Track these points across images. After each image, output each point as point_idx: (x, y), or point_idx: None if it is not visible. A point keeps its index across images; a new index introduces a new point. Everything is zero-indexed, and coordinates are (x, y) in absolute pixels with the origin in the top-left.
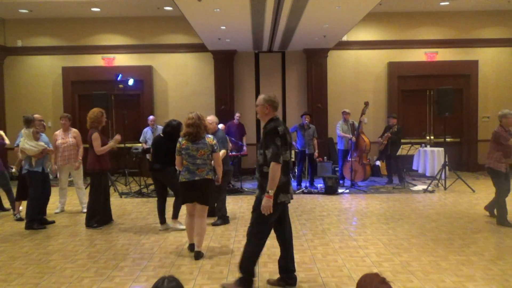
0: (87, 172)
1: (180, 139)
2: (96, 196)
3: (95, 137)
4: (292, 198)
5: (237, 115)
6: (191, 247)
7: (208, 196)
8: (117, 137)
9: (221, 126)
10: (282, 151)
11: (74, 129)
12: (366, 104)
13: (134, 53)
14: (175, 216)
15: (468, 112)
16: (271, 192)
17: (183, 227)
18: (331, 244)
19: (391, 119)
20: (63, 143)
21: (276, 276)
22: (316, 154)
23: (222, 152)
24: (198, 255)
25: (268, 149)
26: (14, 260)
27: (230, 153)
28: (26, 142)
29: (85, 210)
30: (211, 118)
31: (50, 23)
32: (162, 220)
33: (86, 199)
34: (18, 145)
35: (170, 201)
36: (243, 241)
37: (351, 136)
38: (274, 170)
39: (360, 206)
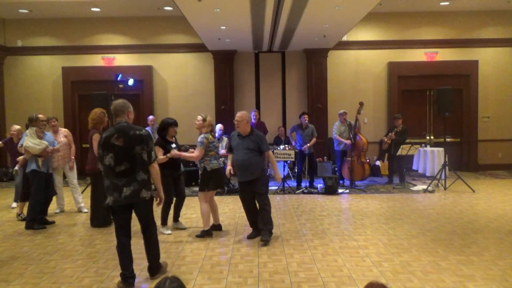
0: (87, 173)
1: (206, 135)
2: (97, 196)
3: (96, 138)
4: (118, 201)
5: (253, 113)
6: (216, 227)
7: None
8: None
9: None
10: (103, 157)
11: (64, 129)
12: (361, 104)
13: (134, 53)
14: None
15: (468, 112)
16: None
17: (170, 232)
18: (331, 244)
19: (396, 120)
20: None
21: (277, 275)
22: (306, 147)
23: (271, 153)
24: (221, 227)
25: None
26: (14, 260)
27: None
28: (29, 141)
29: (84, 210)
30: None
31: (50, 23)
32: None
33: (81, 199)
34: (22, 145)
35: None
36: (243, 241)
37: (348, 141)
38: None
39: (360, 206)
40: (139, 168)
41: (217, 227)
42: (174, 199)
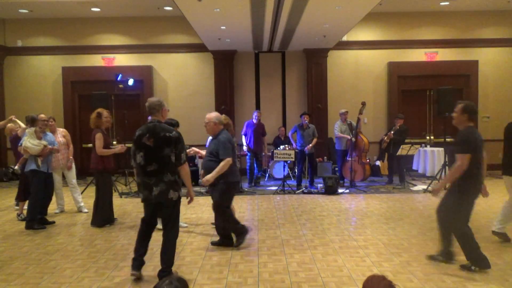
0: (91, 172)
1: None
2: (101, 195)
3: (98, 137)
4: (148, 199)
5: (256, 114)
6: None
7: None
8: (121, 148)
9: None
10: (134, 154)
11: (62, 129)
12: (363, 104)
13: (134, 53)
14: None
15: None
16: None
17: (186, 225)
18: (331, 244)
19: (397, 119)
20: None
21: (277, 275)
22: (309, 147)
23: (226, 161)
24: None
25: None
26: (14, 260)
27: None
28: (28, 141)
29: (85, 210)
30: (211, 116)
31: (50, 23)
32: None
33: (81, 199)
34: (21, 144)
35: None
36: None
37: (350, 137)
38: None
39: (360, 206)
40: (167, 169)
41: None
42: None
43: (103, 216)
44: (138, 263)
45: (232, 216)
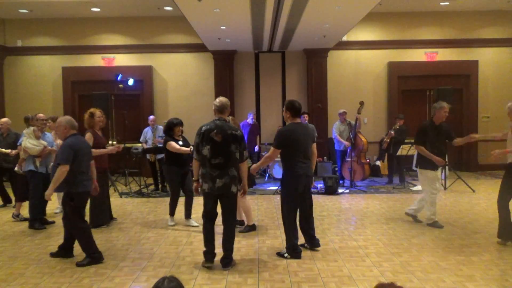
0: None
1: None
2: (98, 196)
3: (87, 137)
4: (212, 190)
5: (251, 115)
6: (240, 222)
7: None
8: (114, 148)
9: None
10: (200, 147)
11: None
12: (361, 103)
13: (134, 53)
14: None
15: (468, 112)
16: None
17: (174, 223)
18: (331, 244)
19: (397, 120)
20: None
21: (277, 275)
22: None
23: (59, 168)
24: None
25: None
26: (14, 260)
27: None
28: (28, 141)
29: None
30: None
31: (50, 23)
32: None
33: None
34: (20, 144)
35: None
36: (243, 240)
37: (347, 142)
38: (193, 163)
39: (360, 206)
40: (231, 164)
41: (241, 223)
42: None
43: (98, 216)
44: (211, 256)
45: (86, 234)
